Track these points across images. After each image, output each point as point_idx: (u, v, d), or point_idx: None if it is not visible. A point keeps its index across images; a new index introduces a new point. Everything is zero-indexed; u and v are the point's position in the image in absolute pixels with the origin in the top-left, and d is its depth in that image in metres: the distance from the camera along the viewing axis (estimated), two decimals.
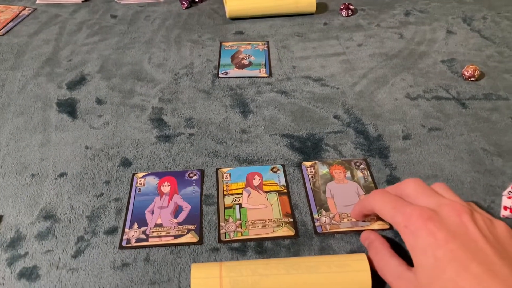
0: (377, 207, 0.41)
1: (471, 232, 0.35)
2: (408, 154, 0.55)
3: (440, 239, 0.34)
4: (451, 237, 0.34)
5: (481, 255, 0.33)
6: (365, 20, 0.84)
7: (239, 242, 0.46)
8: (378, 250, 0.42)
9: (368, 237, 0.44)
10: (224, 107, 0.63)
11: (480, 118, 0.60)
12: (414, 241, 0.36)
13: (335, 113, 0.62)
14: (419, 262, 0.36)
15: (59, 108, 0.64)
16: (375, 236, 0.44)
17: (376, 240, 0.43)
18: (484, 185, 0.51)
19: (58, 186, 0.52)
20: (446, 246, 0.34)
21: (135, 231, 0.47)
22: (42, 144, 0.58)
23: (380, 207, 0.41)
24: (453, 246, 0.34)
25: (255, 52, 0.75)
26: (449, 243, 0.34)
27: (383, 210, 0.40)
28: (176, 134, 0.59)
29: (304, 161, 0.55)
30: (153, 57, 0.75)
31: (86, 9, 0.90)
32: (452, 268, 0.33)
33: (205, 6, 0.90)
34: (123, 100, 0.65)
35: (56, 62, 0.74)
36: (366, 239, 0.44)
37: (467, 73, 0.67)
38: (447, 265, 0.33)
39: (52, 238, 0.46)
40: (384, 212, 0.40)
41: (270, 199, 0.50)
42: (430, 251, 0.35)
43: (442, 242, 0.34)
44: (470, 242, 0.34)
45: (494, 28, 0.80)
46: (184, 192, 0.51)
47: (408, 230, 0.37)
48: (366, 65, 0.72)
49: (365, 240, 0.44)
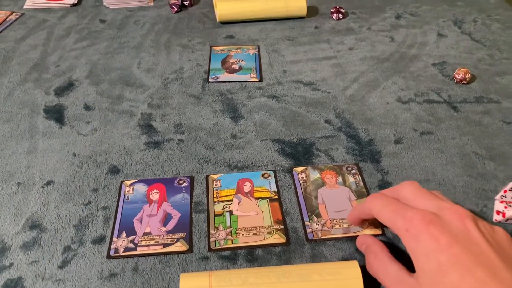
0: (375, 211, 0.40)
1: (473, 236, 0.34)
2: (400, 159, 0.55)
3: (443, 243, 0.34)
4: (454, 241, 0.34)
5: (484, 259, 0.33)
6: (356, 23, 0.84)
7: (230, 250, 0.45)
8: (376, 255, 0.40)
9: (365, 242, 0.43)
10: (214, 112, 0.63)
11: (471, 122, 0.60)
12: (416, 245, 0.35)
13: (326, 118, 0.61)
14: (421, 267, 0.35)
15: (46, 114, 0.63)
16: (372, 240, 0.43)
17: (373, 244, 0.42)
18: (476, 189, 0.51)
19: (44, 195, 0.51)
20: (450, 250, 0.33)
21: (123, 240, 0.46)
22: (28, 152, 0.56)
23: (379, 211, 0.39)
24: (457, 250, 0.33)
25: (246, 57, 0.75)
26: (452, 247, 0.34)
27: (382, 213, 0.39)
28: (165, 140, 0.58)
29: (295, 166, 0.54)
30: (143, 62, 0.74)
31: (75, 13, 0.89)
32: (456, 272, 0.33)
33: (195, 10, 0.90)
34: (112, 106, 0.64)
35: (44, 67, 0.73)
36: (363, 244, 0.43)
37: (458, 76, 0.67)
38: (451, 269, 0.33)
39: (38, 248, 0.45)
40: (383, 215, 0.39)
41: (261, 205, 0.49)
42: (433, 256, 0.34)
43: (445, 246, 0.34)
44: (473, 246, 0.34)
45: (484, 31, 0.80)
46: (173, 200, 0.50)
47: (410, 234, 0.36)
48: (357, 68, 0.71)
49: (362, 245, 0.43)
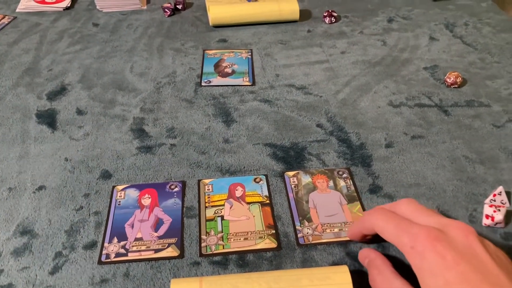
0: (378, 227, 0.39)
1: (479, 253, 0.34)
2: (391, 163, 0.55)
3: (450, 261, 0.33)
4: (460, 259, 0.33)
5: (491, 277, 0.33)
6: (348, 27, 0.84)
7: (221, 256, 0.45)
8: (380, 270, 0.39)
9: (368, 255, 0.42)
10: (207, 116, 0.63)
11: (462, 125, 0.60)
12: (421, 262, 0.35)
13: (318, 122, 0.61)
14: (427, 284, 0.34)
15: (38, 119, 0.63)
16: (375, 254, 0.41)
17: (377, 258, 0.41)
18: (466, 194, 0.51)
19: (36, 200, 0.51)
20: (457, 268, 0.33)
21: (115, 245, 0.46)
22: (20, 157, 0.56)
23: (382, 226, 0.39)
24: (464, 268, 0.33)
25: (239, 60, 0.75)
26: (459, 265, 0.33)
27: (385, 229, 0.38)
28: (157, 145, 0.58)
29: (287, 170, 0.54)
30: (135, 66, 0.74)
31: (68, 17, 0.89)
32: None
33: (188, 14, 0.90)
34: (104, 111, 0.64)
35: (36, 72, 0.72)
36: (366, 257, 0.42)
37: (450, 80, 0.67)
38: (458, 287, 0.32)
39: (29, 254, 0.45)
40: (386, 231, 0.38)
41: (253, 210, 0.49)
42: (439, 273, 0.33)
43: (452, 264, 0.33)
44: (479, 264, 0.33)
45: (476, 35, 0.81)
46: (165, 205, 0.50)
47: (415, 251, 0.35)
48: (349, 72, 0.72)
49: (364, 259, 0.42)
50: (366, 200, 0.50)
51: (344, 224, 0.48)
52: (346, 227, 0.47)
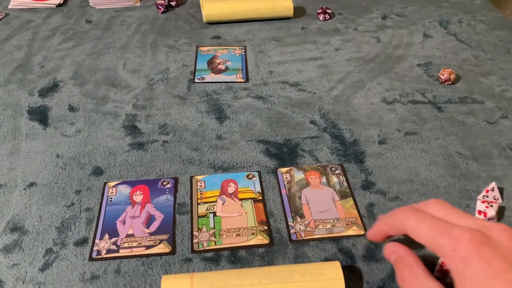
0: (410, 227, 0.35)
1: None
2: (384, 159, 0.55)
3: (497, 268, 0.31)
4: (508, 266, 0.31)
5: None
6: (342, 24, 0.84)
7: (213, 252, 0.45)
8: (412, 269, 0.36)
9: (396, 251, 0.38)
10: (200, 113, 0.63)
11: (455, 122, 0.60)
12: (464, 267, 0.32)
13: (311, 118, 0.61)
14: None
15: (30, 116, 0.62)
16: (405, 251, 0.37)
17: (407, 256, 0.37)
18: (459, 189, 0.51)
19: (27, 197, 0.50)
20: (506, 276, 0.31)
21: (106, 242, 0.46)
22: (11, 153, 0.56)
23: (415, 227, 0.35)
24: None
25: (232, 57, 0.74)
26: (508, 273, 0.31)
27: (419, 230, 0.35)
28: (149, 141, 0.58)
29: (280, 167, 0.54)
30: (128, 62, 0.73)
31: (60, 14, 0.88)
32: None
33: (181, 11, 0.89)
34: (96, 107, 0.64)
35: (28, 68, 0.72)
36: (393, 253, 0.38)
37: (443, 77, 0.67)
38: None
39: (19, 251, 0.45)
40: (421, 232, 0.35)
41: (245, 206, 0.49)
42: (485, 281, 0.31)
43: (499, 272, 0.31)
44: None
45: (469, 32, 0.81)
46: (157, 201, 0.50)
47: (457, 255, 0.32)
48: (343, 69, 0.71)
49: (391, 254, 0.38)
50: (358, 196, 0.50)
51: (336, 220, 0.47)
52: (339, 223, 0.47)
